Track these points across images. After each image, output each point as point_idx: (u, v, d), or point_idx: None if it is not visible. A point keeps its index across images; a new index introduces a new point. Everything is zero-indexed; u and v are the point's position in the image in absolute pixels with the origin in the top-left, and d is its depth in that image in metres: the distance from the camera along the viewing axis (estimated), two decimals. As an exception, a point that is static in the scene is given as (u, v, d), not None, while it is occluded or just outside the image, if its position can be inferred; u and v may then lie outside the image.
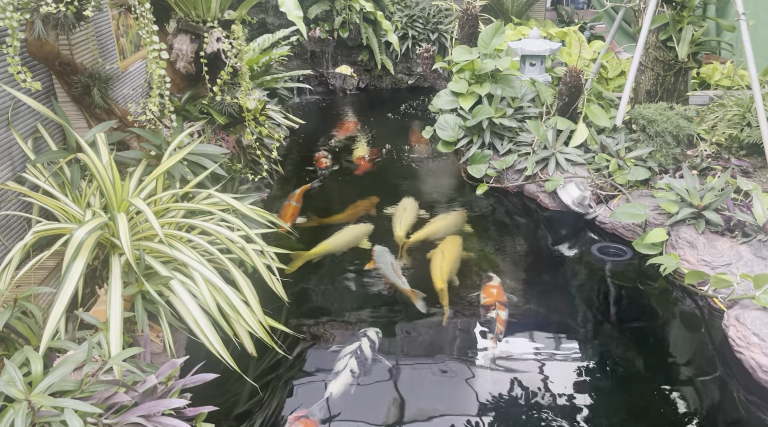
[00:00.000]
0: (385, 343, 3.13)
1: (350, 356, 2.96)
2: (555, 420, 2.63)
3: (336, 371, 2.88)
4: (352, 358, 2.95)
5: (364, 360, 2.97)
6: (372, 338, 3.11)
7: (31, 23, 2.88)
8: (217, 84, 3.51)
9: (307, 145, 6.17)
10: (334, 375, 2.86)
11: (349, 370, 2.88)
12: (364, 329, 3.20)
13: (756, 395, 2.72)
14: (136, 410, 2.04)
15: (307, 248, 3.95)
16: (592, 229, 4.33)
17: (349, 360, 2.93)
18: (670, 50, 4.83)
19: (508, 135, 5.12)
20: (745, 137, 4.45)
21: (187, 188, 3.13)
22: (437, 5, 8.40)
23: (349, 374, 2.86)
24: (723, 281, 3.17)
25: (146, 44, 3.06)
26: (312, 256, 3.87)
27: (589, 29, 8.87)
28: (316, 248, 3.93)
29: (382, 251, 3.87)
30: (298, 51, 7.98)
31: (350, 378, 2.85)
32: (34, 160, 3.05)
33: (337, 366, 2.91)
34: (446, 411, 2.68)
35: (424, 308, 3.36)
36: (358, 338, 3.10)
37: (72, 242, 2.36)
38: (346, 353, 2.98)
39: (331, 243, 4.00)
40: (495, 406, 2.72)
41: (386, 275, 3.65)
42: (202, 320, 2.62)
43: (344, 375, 2.85)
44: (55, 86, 3.44)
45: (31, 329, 2.35)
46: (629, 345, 3.13)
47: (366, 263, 3.83)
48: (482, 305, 3.41)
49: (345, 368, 2.88)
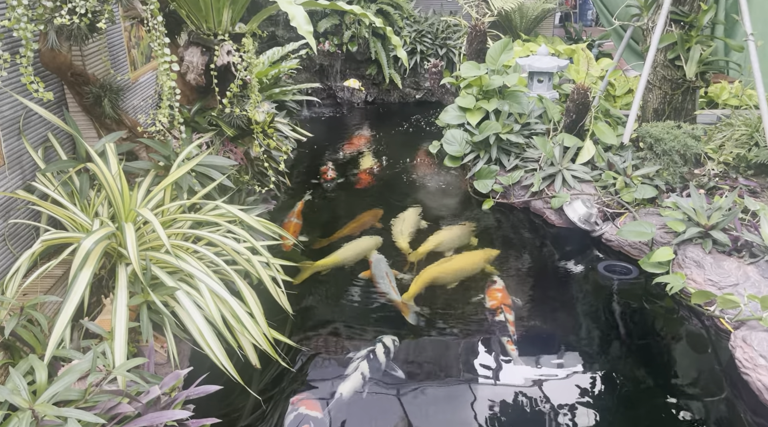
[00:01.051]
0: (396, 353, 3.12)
1: (362, 360, 2.97)
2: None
3: (347, 374, 2.89)
4: (365, 361, 2.96)
5: (377, 366, 2.97)
6: (387, 345, 3.11)
7: (45, 34, 2.92)
8: (227, 96, 3.54)
9: (313, 157, 6.20)
10: (344, 377, 2.87)
11: (360, 373, 2.88)
12: (381, 336, 3.20)
13: (763, 418, 2.68)
14: (139, 421, 2.04)
15: (314, 260, 3.96)
16: (598, 246, 4.32)
17: (361, 363, 2.95)
18: (678, 69, 4.84)
19: (515, 151, 5.12)
20: (753, 157, 4.44)
21: (194, 199, 3.15)
22: (446, 21, 8.46)
23: (360, 378, 2.87)
24: (730, 302, 3.15)
25: (157, 56, 3.09)
26: (321, 267, 3.88)
27: (597, 47, 8.91)
28: (325, 259, 3.94)
29: (379, 261, 3.88)
30: (307, 64, 8.05)
31: (361, 381, 2.86)
32: (44, 170, 3.07)
33: (349, 369, 2.93)
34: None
35: (414, 321, 3.35)
36: (373, 344, 3.11)
37: (80, 252, 2.37)
38: (359, 357, 3.00)
39: (341, 255, 4.01)
40: (499, 422, 2.70)
41: (380, 285, 3.66)
42: (206, 331, 2.62)
43: (355, 377, 2.86)
44: (66, 96, 3.48)
45: (36, 337, 2.36)
46: (635, 364, 3.10)
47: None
48: (488, 309, 3.44)
49: (356, 371, 2.89)
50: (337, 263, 3.94)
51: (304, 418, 2.66)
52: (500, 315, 3.36)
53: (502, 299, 3.50)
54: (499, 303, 3.46)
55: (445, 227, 4.49)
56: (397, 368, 2.99)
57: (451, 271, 3.81)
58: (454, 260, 3.98)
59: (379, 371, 2.95)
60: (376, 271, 3.78)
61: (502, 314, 3.37)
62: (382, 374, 2.94)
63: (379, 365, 2.98)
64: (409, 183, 5.52)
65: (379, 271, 3.77)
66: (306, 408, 2.71)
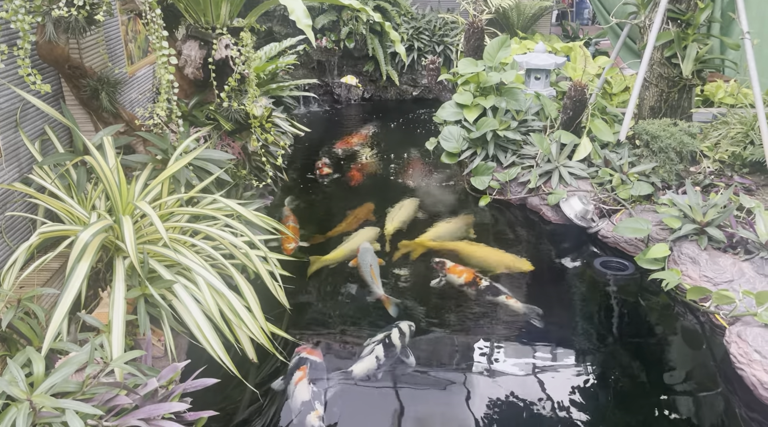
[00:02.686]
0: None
1: (378, 344, 3.02)
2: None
3: (362, 356, 2.95)
4: (380, 345, 3.01)
5: (393, 350, 3.02)
6: (404, 331, 3.15)
7: (43, 26, 2.91)
8: (225, 90, 3.53)
9: (310, 153, 6.20)
10: (359, 358, 2.93)
11: (374, 356, 2.93)
12: (397, 321, 3.25)
13: (757, 412, 2.70)
14: (136, 413, 2.04)
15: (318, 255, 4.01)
16: (594, 243, 4.33)
17: (377, 347, 3.00)
18: (675, 67, 4.86)
19: (512, 148, 5.13)
20: (749, 155, 4.46)
21: (192, 193, 3.15)
22: (443, 18, 8.46)
23: (374, 360, 2.92)
24: (725, 298, 3.17)
25: (155, 49, 3.08)
26: (330, 260, 3.94)
27: (594, 45, 8.92)
28: (332, 253, 4.01)
29: (365, 251, 3.91)
30: (305, 60, 8.04)
31: (375, 364, 2.91)
32: (41, 162, 3.06)
33: (365, 351, 2.99)
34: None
35: (395, 314, 3.38)
36: (389, 328, 3.15)
37: (77, 244, 2.37)
38: (374, 340, 3.05)
39: (346, 247, 4.08)
40: (494, 420, 2.71)
41: (363, 276, 3.70)
42: (204, 324, 2.62)
43: (369, 360, 2.91)
44: (63, 89, 3.47)
45: (33, 330, 2.36)
46: (630, 360, 3.12)
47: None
48: (465, 284, 3.61)
49: (371, 354, 2.94)
50: (343, 256, 4.01)
51: (304, 360, 2.91)
52: (481, 282, 3.51)
53: (467, 270, 3.72)
54: (470, 274, 3.64)
55: (444, 220, 4.57)
56: (410, 353, 3.05)
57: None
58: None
59: (393, 356, 3.01)
60: (361, 260, 3.82)
61: (482, 280, 3.55)
62: (398, 355, 3.02)
63: (395, 350, 3.03)
64: (406, 180, 5.52)
65: (364, 261, 3.80)
66: (307, 353, 2.97)
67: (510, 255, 4.03)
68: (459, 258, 3.95)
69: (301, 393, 2.70)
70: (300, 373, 2.80)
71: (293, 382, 2.77)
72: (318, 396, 2.70)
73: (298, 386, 2.73)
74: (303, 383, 2.74)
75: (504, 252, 4.06)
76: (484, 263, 3.90)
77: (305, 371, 2.81)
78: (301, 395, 2.69)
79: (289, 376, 2.83)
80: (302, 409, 2.63)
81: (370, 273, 3.65)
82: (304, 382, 2.74)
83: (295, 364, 2.90)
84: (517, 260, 3.97)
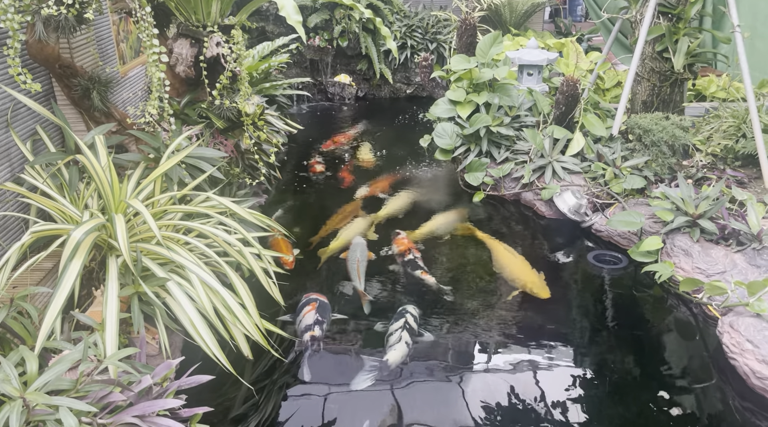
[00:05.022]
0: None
1: (402, 330, 3.10)
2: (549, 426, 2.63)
3: (392, 344, 3.03)
4: (404, 331, 3.09)
5: (413, 333, 3.12)
6: (414, 314, 3.27)
7: (32, 25, 2.90)
8: (217, 88, 3.53)
9: (304, 152, 6.20)
10: (390, 347, 3.01)
11: (404, 342, 3.02)
12: (404, 306, 3.34)
13: (750, 402, 2.72)
14: (131, 410, 2.04)
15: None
16: (588, 237, 4.35)
17: (402, 333, 3.08)
18: (666, 61, 4.88)
19: (505, 143, 5.14)
20: (740, 148, 4.48)
21: (185, 191, 3.14)
22: (436, 15, 8.46)
23: (405, 346, 3.01)
24: (717, 289, 3.19)
25: (146, 47, 3.08)
26: (332, 251, 4.05)
27: (587, 41, 8.95)
28: (332, 244, 4.12)
29: (356, 246, 3.98)
30: (298, 59, 8.03)
31: (405, 350, 3.00)
32: (33, 162, 3.06)
33: (392, 339, 3.06)
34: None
35: (368, 310, 3.44)
36: (402, 315, 3.23)
37: (69, 243, 2.36)
38: (397, 328, 3.12)
39: (344, 238, 4.19)
40: (489, 414, 2.72)
41: (349, 269, 3.77)
42: (198, 321, 2.62)
43: (400, 347, 3.00)
44: (54, 89, 3.46)
45: (26, 329, 2.35)
46: (624, 352, 3.13)
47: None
48: (398, 254, 3.96)
49: (401, 341, 3.03)
50: (343, 245, 4.10)
51: (314, 299, 3.34)
52: (409, 255, 3.89)
53: (408, 244, 4.02)
54: (406, 247, 3.98)
55: (440, 214, 4.67)
56: (424, 332, 3.20)
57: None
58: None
59: (415, 337, 3.12)
60: (350, 255, 3.88)
61: (411, 253, 3.91)
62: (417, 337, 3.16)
63: (415, 332, 3.13)
64: (400, 177, 5.52)
65: (353, 255, 3.86)
66: (316, 295, 3.39)
67: (534, 275, 3.74)
68: (489, 257, 4.00)
69: (307, 320, 3.18)
70: (309, 307, 3.27)
71: (303, 313, 3.24)
72: (321, 324, 3.16)
73: (306, 316, 3.21)
74: (311, 313, 3.23)
75: (529, 269, 3.80)
76: (504, 272, 3.80)
77: (314, 306, 3.27)
78: (306, 321, 3.18)
79: (299, 310, 3.28)
80: (305, 330, 3.13)
81: (356, 268, 3.72)
82: (312, 313, 3.23)
83: (305, 301, 3.33)
84: (536, 284, 3.62)
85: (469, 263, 3.95)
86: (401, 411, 2.72)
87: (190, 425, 2.24)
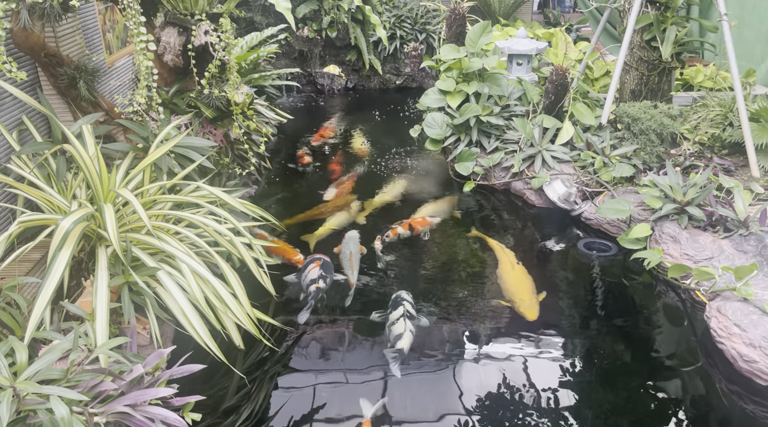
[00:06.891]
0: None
1: (405, 318, 3.13)
2: (539, 413, 2.65)
3: (398, 333, 3.04)
4: (407, 320, 3.12)
5: (413, 319, 3.17)
6: (410, 300, 3.32)
7: (17, 13, 2.86)
8: (205, 77, 3.50)
9: (293, 142, 6.17)
10: (397, 336, 3.03)
11: (409, 330, 3.07)
12: (398, 293, 3.39)
13: (737, 385, 2.76)
14: (122, 399, 2.03)
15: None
16: (577, 225, 4.37)
17: (406, 321, 3.11)
18: (655, 50, 4.90)
19: (495, 133, 5.15)
20: (728, 137, 4.52)
21: (174, 180, 3.12)
22: (425, 6, 8.43)
23: (410, 334, 3.05)
24: (705, 274, 3.22)
25: (134, 35, 3.04)
26: (320, 235, 4.18)
27: (575, 31, 8.97)
28: (319, 229, 4.22)
29: (349, 239, 3.99)
30: (286, 50, 7.97)
31: (412, 336, 3.04)
32: (19, 151, 3.02)
33: (396, 329, 3.08)
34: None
35: (348, 302, 3.46)
36: (399, 303, 3.25)
37: (58, 232, 2.34)
38: (398, 316, 3.15)
39: (334, 222, 4.31)
40: (479, 401, 2.73)
41: (342, 262, 3.79)
42: (189, 311, 2.61)
43: (408, 335, 3.04)
44: (40, 78, 3.41)
45: (15, 319, 2.33)
46: (614, 338, 3.16)
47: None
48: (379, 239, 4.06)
49: (407, 329, 3.06)
50: (330, 229, 4.24)
51: (318, 258, 3.63)
52: (376, 243, 4.00)
53: (391, 231, 4.12)
54: (378, 240, 4.05)
55: (431, 201, 4.72)
56: (422, 317, 3.25)
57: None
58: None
59: (414, 322, 3.17)
60: (344, 248, 3.89)
61: (378, 242, 4.03)
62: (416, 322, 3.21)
63: (414, 318, 3.18)
64: (390, 167, 5.52)
65: (346, 249, 3.87)
66: (318, 255, 3.71)
67: (529, 293, 3.46)
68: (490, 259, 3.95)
69: (312, 274, 3.48)
70: (313, 264, 3.56)
71: (308, 269, 3.53)
72: (324, 278, 3.46)
73: (312, 271, 3.50)
74: (315, 269, 3.52)
75: (527, 286, 3.53)
76: (501, 282, 3.63)
77: (318, 264, 3.56)
78: (312, 275, 3.47)
79: (304, 267, 3.58)
80: (310, 283, 3.43)
81: (348, 261, 3.73)
82: (316, 269, 3.51)
83: (310, 260, 3.62)
84: (525, 303, 3.35)
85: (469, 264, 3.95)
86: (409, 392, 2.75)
87: (182, 413, 2.24)
